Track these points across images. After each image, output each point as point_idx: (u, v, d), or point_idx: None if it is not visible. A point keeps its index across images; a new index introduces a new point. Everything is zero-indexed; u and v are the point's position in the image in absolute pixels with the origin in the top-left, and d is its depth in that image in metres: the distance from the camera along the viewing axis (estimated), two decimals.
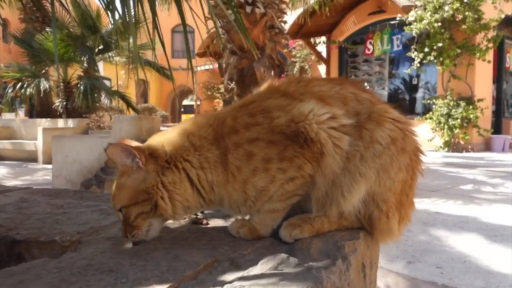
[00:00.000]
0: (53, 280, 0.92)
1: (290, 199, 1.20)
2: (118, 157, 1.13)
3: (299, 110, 1.17)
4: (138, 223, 1.14)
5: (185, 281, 0.93)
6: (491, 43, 10.28)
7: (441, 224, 3.59)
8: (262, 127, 1.16)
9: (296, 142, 1.14)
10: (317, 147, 1.14)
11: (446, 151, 10.63)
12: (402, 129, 1.19)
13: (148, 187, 1.13)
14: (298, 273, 0.90)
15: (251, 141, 1.15)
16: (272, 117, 1.17)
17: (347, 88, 1.25)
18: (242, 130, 1.17)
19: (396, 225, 1.23)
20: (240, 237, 1.21)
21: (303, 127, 1.15)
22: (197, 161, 1.16)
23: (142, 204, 1.13)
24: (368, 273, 1.23)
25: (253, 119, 1.18)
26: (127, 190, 1.14)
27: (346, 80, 1.35)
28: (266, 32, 6.76)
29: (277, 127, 1.15)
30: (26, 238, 1.22)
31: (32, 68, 11.05)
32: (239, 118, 1.19)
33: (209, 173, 1.16)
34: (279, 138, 1.15)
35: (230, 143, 1.16)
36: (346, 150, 1.16)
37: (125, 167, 1.14)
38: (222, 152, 1.16)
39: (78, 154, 5.31)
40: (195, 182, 1.16)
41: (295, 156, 1.14)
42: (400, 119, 1.21)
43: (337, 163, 1.15)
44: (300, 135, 1.15)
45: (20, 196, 1.73)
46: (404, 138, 1.18)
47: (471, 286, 2.31)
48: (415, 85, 12.75)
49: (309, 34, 13.71)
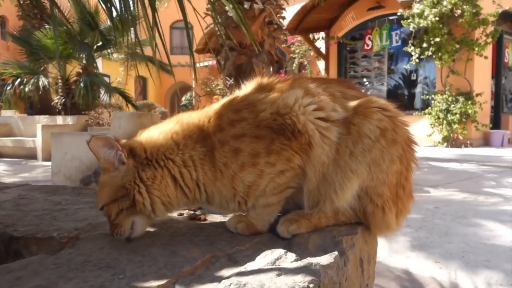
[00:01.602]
0: (51, 276, 0.92)
1: (283, 192, 1.20)
2: (101, 149, 1.13)
3: (284, 101, 1.16)
4: (120, 220, 1.14)
5: (182, 277, 0.93)
6: (489, 38, 10.26)
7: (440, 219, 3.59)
8: (247, 122, 1.16)
9: (283, 135, 1.14)
10: (305, 138, 1.14)
11: (445, 146, 10.64)
12: (392, 119, 1.18)
13: (126, 182, 1.13)
14: (296, 268, 0.90)
15: (237, 137, 1.15)
16: (257, 111, 1.17)
17: (333, 87, 1.25)
18: (227, 127, 1.16)
19: (394, 218, 1.23)
20: (237, 233, 1.21)
21: (289, 119, 1.15)
22: (180, 159, 1.16)
23: (121, 200, 1.13)
24: (366, 268, 1.24)
25: (238, 115, 1.18)
26: (107, 187, 1.15)
27: (333, 79, 1.35)
28: (264, 28, 6.74)
29: (262, 121, 1.15)
30: (24, 235, 1.22)
31: (30, 65, 11.02)
32: (224, 115, 1.19)
33: (193, 171, 1.16)
34: (265, 133, 1.15)
35: (216, 141, 1.16)
36: (334, 141, 1.15)
37: (106, 162, 1.14)
38: (209, 150, 1.16)
39: (77, 151, 5.30)
40: (179, 180, 1.16)
41: (282, 149, 1.14)
42: (387, 107, 1.20)
43: (326, 153, 1.15)
44: (287, 128, 1.15)
45: (18, 193, 1.73)
46: (395, 128, 1.18)
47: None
48: (414, 80, 12.74)
49: (308, 30, 13.68)
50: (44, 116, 9.79)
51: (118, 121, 5.38)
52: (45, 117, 9.67)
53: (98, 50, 11.53)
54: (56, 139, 5.49)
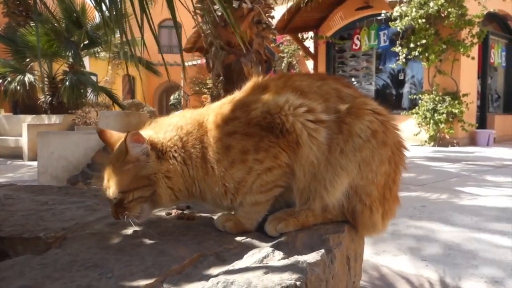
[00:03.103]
0: (37, 276, 0.92)
1: (271, 191, 1.21)
2: (132, 144, 1.16)
3: (275, 101, 1.19)
4: (131, 206, 1.18)
5: (170, 276, 0.93)
6: (475, 39, 10.40)
7: (427, 218, 3.63)
8: (239, 120, 1.19)
9: (272, 133, 1.17)
10: (293, 137, 1.16)
11: (431, 145, 10.76)
12: (383, 122, 1.20)
13: (150, 173, 1.17)
14: (283, 266, 0.91)
15: (229, 135, 1.18)
16: (249, 110, 1.19)
17: (329, 84, 1.26)
18: (222, 124, 1.20)
19: (380, 219, 1.24)
20: (225, 231, 1.22)
21: (278, 118, 1.17)
22: (181, 158, 1.20)
23: (143, 189, 1.17)
24: (353, 266, 1.25)
25: (232, 114, 1.21)
26: (129, 176, 1.17)
27: (329, 76, 1.36)
28: (253, 27, 6.74)
29: (253, 119, 1.18)
30: (9, 235, 1.20)
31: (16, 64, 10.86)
32: (221, 114, 1.22)
33: (191, 168, 1.20)
34: (255, 130, 1.17)
35: (211, 138, 1.19)
36: (322, 142, 1.17)
37: (133, 157, 1.17)
38: (204, 146, 1.19)
39: (64, 151, 5.25)
40: (181, 175, 1.20)
41: (270, 146, 1.16)
42: (380, 111, 1.22)
43: (314, 154, 1.16)
44: (276, 126, 1.17)
45: (3, 193, 1.71)
46: (385, 131, 1.20)
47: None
48: (401, 80, 12.85)
49: (297, 29, 13.71)
50: (30, 115, 9.67)
51: (106, 120, 5.34)
52: (31, 116, 9.54)
53: (85, 48, 11.40)
54: (42, 138, 5.42)
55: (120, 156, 1.19)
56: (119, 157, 1.19)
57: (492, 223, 3.45)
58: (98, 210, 1.46)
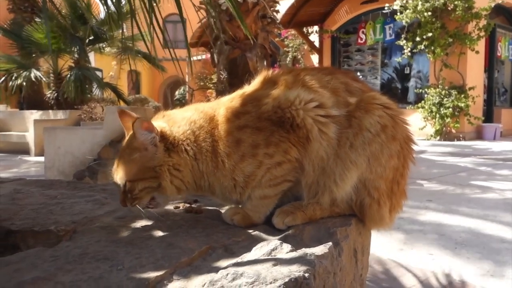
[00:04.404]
0: (49, 268, 0.93)
1: (280, 185, 1.22)
2: (141, 130, 1.16)
3: (286, 96, 1.19)
4: (141, 195, 1.20)
5: (180, 268, 0.94)
6: (482, 32, 10.32)
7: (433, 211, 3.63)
8: (250, 115, 1.19)
9: (282, 128, 1.17)
10: (303, 132, 1.16)
11: (437, 139, 10.72)
12: (392, 117, 1.20)
13: (156, 165, 1.18)
14: (291, 259, 0.92)
15: (240, 128, 1.18)
16: (260, 104, 1.20)
17: (338, 78, 1.26)
18: (233, 118, 1.20)
19: (387, 212, 1.24)
20: (234, 225, 1.23)
21: (289, 113, 1.17)
22: (193, 152, 1.20)
23: (149, 180, 1.18)
24: (360, 259, 1.25)
25: (243, 108, 1.21)
26: (136, 166, 1.18)
27: (338, 70, 1.36)
28: (258, 22, 6.73)
29: (264, 114, 1.18)
30: (21, 228, 1.22)
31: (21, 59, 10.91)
32: (232, 108, 1.23)
33: (201, 163, 1.21)
34: (266, 125, 1.17)
35: (221, 131, 1.20)
36: (332, 137, 1.17)
37: (140, 143, 1.18)
38: (215, 139, 1.20)
39: (71, 146, 5.28)
40: (191, 169, 1.20)
41: (281, 141, 1.16)
42: (389, 105, 1.21)
43: (323, 149, 1.17)
44: (286, 121, 1.17)
45: (13, 187, 1.73)
46: (395, 126, 1.20)
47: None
48: (407, 74, 12.78)
49: (302, 24, 13.66)
50: (36, 110, 9.73)
51: (112, 116, 5.35)
52: (37, 112, 9.60)
53: (90, 44, 11.43)
54: (49, 133, 5.46)
55: (130, 143, 1.20)
56: (129, 144, 1.21)
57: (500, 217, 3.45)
58: (107, 204, 1.48)
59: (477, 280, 2.21)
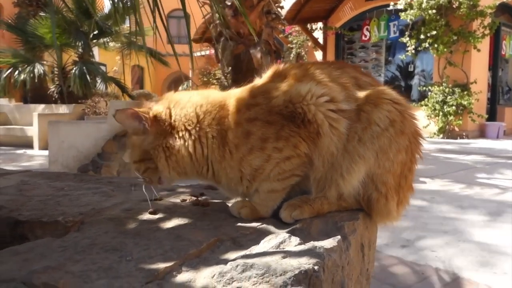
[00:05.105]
0: (58, 258, 0.93)
1: (288, 179, 1.22)
2: (127, 121, 1.21)
3: (297, 91, 1.18)
4: (148, 175, 1.26)
5: (189, 259, 0.94)
6: (487, 30, 10.27)
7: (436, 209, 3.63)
8: (260, 107, 1.19)
9: (293, 122, 1.16)
10: (314, 127, 1.16)
11: (441, 137, 10.70)
12: (401, 112, 1.20)
13: (149, 148, 1.22)
14: (301, 251, 0.92)
15: (250, 121, 1.18)
16: (270, 97, 1.19)
17: (348, 72, 1.26)
18: (243, 110, 1.20)
19: (395, 207, 1.24)
20: (241, 218, 1.23)
21: (300, 107, 1.16)
22: (196, 133, 1.21)
23: (148, 161, 1.23)
24: (367, 253, 1.25)
25: (254, 100, 1.21)
26: (136, 148, 1.25)
27: (347, 64, 1.35)
28: (263, 17, 6.71)
29: (274, 107, 1.18)
30: (29, 219, 1.22)
31: (26, 53, 10.92)
32: (242, 99, 1.22)
33: (205, 147, 1.21)
34: (276, 118, 1.17)
35: (232, 121, 1.19)
36: (343, 132, 1.16)
37: (134, 129, 1.22)
38: (224, 129, 1.19)
39: (75, 140, 5.29)
40: (191, 154, 1.20)
41: (291, 136, 1.16)
42: (398, 100, 1.21)
43: (334, 144, 1.16)
44: (297, 116, 1.16)
45: (20, 179, 1.74)
46: (403, 120, 1.19)
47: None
48: (411, 72, 12.75)
49: (306, 20, 13.63)
50: (41, 104, 9.74)
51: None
52: (41, 106, 9.62)
53: (95, 38, 11.44)
54: (53, 127, 5.46)
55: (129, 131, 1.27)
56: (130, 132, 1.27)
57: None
58: (114, 196, 1.48)
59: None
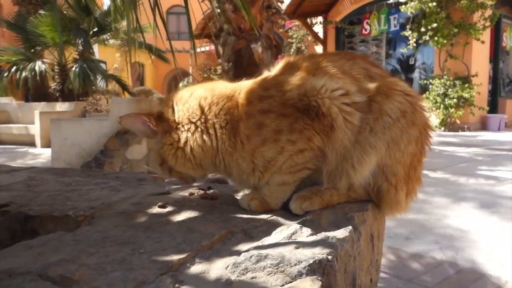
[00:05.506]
0: (72, 251, 0.94)
1: (299, 172, 1.22)
2: (133, 125, 1.25)
3: (312, 85, 1.18)
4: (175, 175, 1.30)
5: (201, 251, 0.95)
6: (488, 22, 10.24)
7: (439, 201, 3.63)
8: (274, 99, 1.18)
9: (307, 115, 1.16)
10: (328, 120, 1.16)
11: (442, 130, 10.69)
12: (412, 103, 1.20)
13: (159, 147, 1.24)
14: (313, 242, 0.92)
15: (263, 112, 1.18)
16: (284, 90, 1.19)
17: (358, 63, 1.26)
18: (255, 101, 1.19)
19: (404, 198, 1.24)
20: (250, 210, 1.23)
21: (315, 101, 1.16)
22: (202, 125, 1.21)
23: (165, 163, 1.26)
24: (376, 244, 1.26)
25: (266, 92, 1.21)
26: (154, 152, 1.29)
27: (357, 55, 1.35)
28: (263, 12, 6.70)
29: (289, 100, 1.17)
30: (39, 214, 1.23)
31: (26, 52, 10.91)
32: (254, 91, 1.22)
33: (214, 138, 1.21)
34: (290, 111, 1.16)
35: (242, 113, 1.19)
36: (356, 125, 1.16)
37: (143, 133, 1.25)
38: (234, 120, 1.19)
39: (77, 137, 5.29)
40: (201, 145, 1.21)
41: (305, 128, 1.16)
42: (409, 92, 1.21)
43: (348, 137, 1.16)
44: (311, 109, 1.16)
45: (27, 175, 1.74)
46: (414, 112, 1.19)
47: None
48: (411, 65, 12.72)
49: (306, 14, 13.60)
50: (42, 103, 9.74)
51: (117, 107, 5.36)
52: (42, 104, 9.62)
53: (94, 35, 11.41)
54: (55, 125, 5.47)
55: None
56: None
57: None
58: (122, 190, 1.48)
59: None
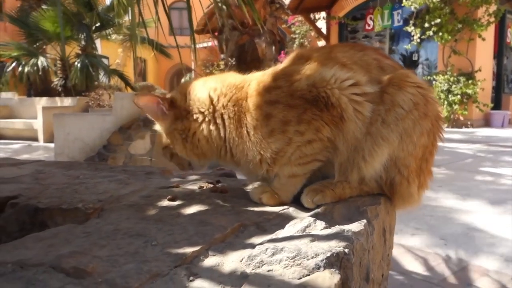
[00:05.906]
0: (83, 243, 0.93)
1: (309, 164, 1.20)
2: (146, 105, 1.26)
3: (321, 75, 1.16)
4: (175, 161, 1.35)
5: (214, 244, 0.94)
6: (492, 18, 10.17)
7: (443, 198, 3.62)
8: (282, 90, 1.17)
9: (316, 106, 1.14)
10: (337, 111, 1.14)
11: (445, 127, 10.64)
12: (424, 95, 1.18)
13: (168, 132, 1.27)
14: (329, 235, 0.91)
15: (270, 103, 1.16)
16: (292, 80, 1.17)
17: (369, 54, 1.24)
18: (263, 92, 1.18)
19: (416, 190, 1.23)
20: (261, 203, 1.22)
21: (324, 92, 1.14)
22: (210, 115, 1.23)
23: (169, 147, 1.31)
24: (388, 238, 1.25)
25: (275, 83, 1.19)
26: (161, 134, 1.32)
27: (368, 46, 1.33)
28: (267, 7, 6.67)
29: (297, 91, 1.16)
30: (48, 206, 1.22)
31: (29, 46, 10.90)
32: (263, 81, 1.21)
33: (222, 128, 1.22)
34: (298, 102, 1.15)
35: (251, 103, 1.19)
36: (367, 116, 1.15)
37: (154, 114, 1.27)
38: (242, 111, 1.19)
39: (80, 132, 5.29)
40: (207, 136, 1.23)
41: (313, 119, 1.14)
42: (421, 84, 1.19)
43: (359, 128, 1.15)
44: (320, 100, 1.14)
45: (34, 168, 1.73)
46: (426, 104, 1.17)
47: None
48: (415, 61, 12.67)
49: (309, 10, 13.53)
50: (45, 98, 9.74)
51: (120, 102, 5.35)
52: (45, 99, 9.61)
53: (97, 31, 11.39)
54: (58, 120, 5.46)
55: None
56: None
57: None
58: (130, 183, 1.47)
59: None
